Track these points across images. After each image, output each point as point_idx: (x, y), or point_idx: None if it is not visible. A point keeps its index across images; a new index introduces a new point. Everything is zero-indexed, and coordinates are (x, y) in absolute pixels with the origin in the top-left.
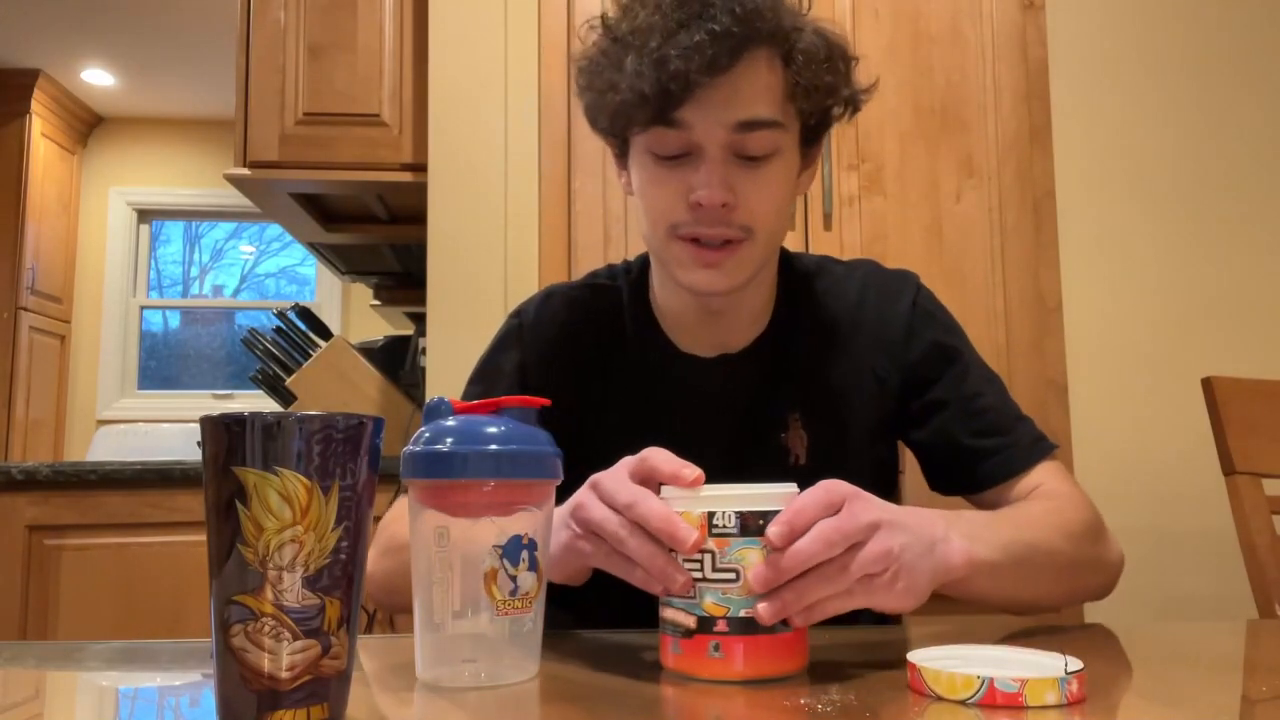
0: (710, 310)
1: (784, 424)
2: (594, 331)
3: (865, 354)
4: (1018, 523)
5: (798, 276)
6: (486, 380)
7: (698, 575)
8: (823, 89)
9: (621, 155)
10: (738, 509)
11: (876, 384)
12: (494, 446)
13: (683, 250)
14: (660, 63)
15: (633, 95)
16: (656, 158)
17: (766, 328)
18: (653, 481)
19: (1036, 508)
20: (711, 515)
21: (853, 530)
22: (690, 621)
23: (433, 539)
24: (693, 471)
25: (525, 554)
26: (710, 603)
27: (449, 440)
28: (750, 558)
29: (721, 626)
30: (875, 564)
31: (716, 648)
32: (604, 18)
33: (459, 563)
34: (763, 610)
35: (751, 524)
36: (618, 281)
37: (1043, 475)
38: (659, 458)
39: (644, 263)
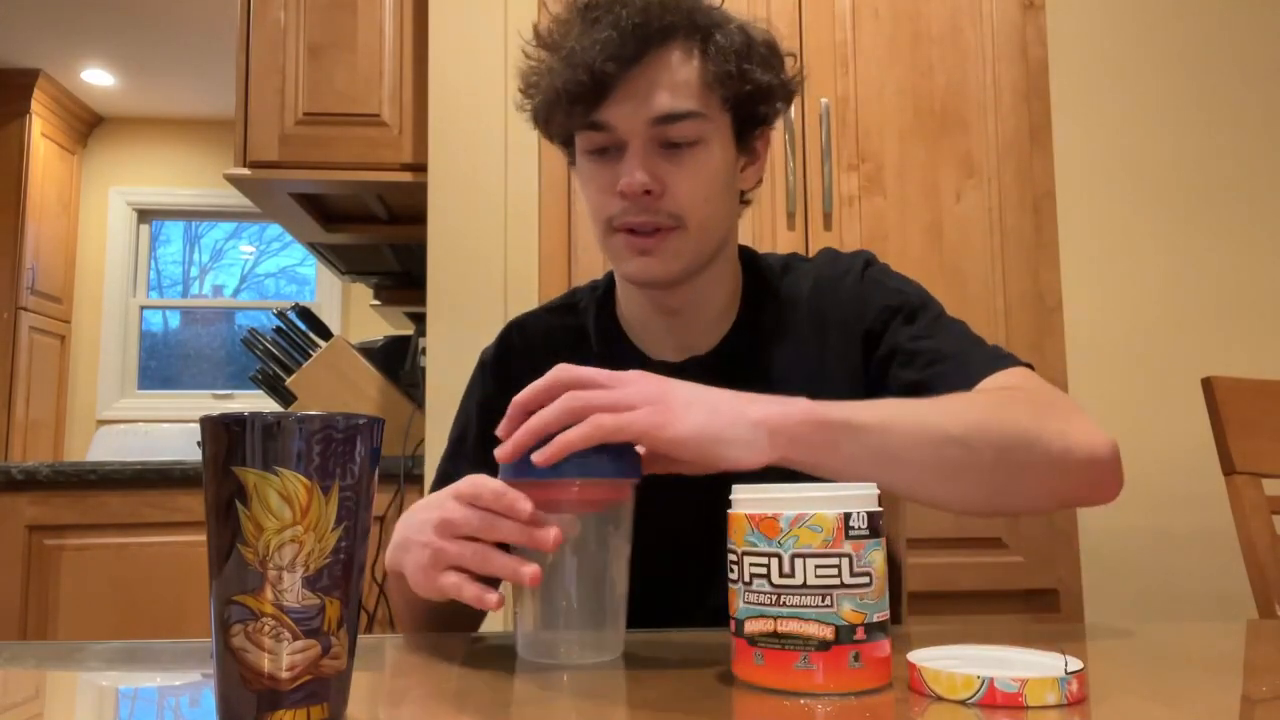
0: (665, 309)
1: None
2: (557, 352)
3: (829, 341)
4: (907, 402)
5: (762, 275)
6: (458, 426)
7: (834, 582)
8: (740, 77)
9: (570, 160)
10: (868, 509)
11: (844, 368)
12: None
13: (619, 241)
14: (571, 59)
15: (553, 95)
16: (589, 155)
17: (731, 328)
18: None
19: (960, 396)
20: (848, 517)
21: (604, 398)
22: (827, 633)
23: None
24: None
25: (606, 543)
26: (849, 610)
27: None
28: (879, 561)
29: (860, 634)
30: (615, 398)
31: (856, 658)
32: (535, 27)
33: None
34: (498, 453)
35: (877, 525)
36: (581, 301)
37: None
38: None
39: (611, 277)
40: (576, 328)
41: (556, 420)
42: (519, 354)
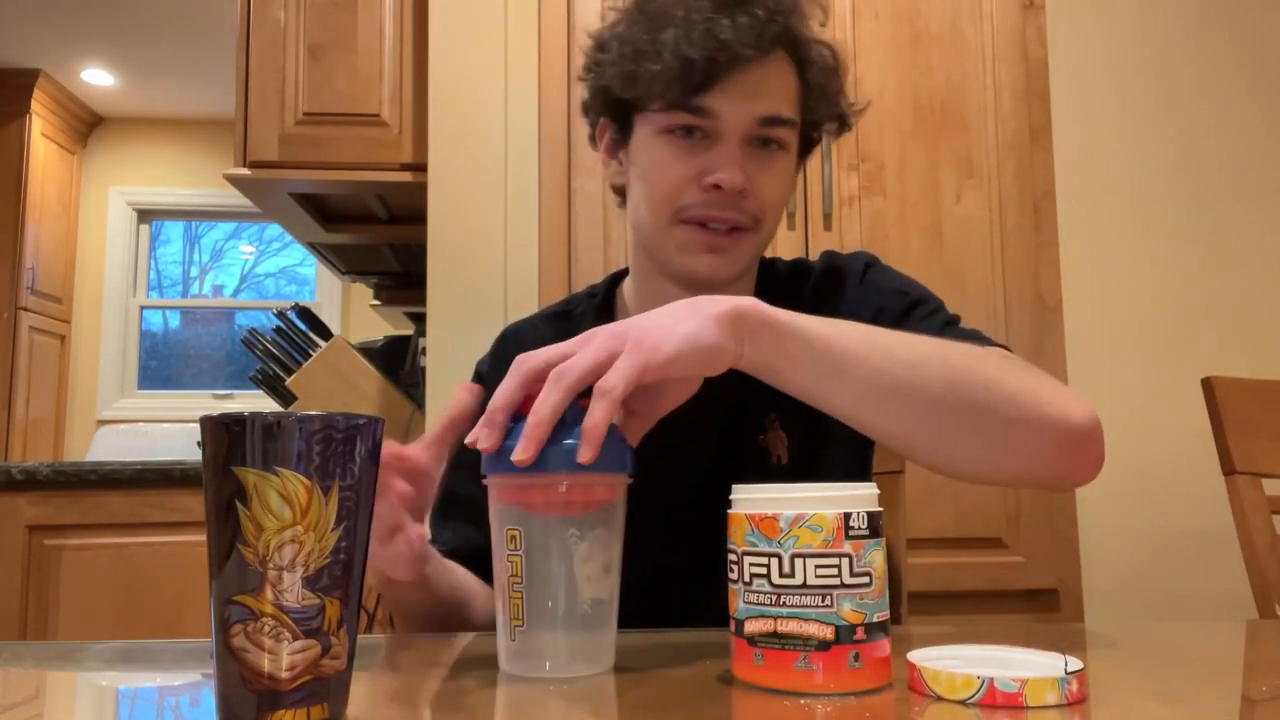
0: None
1: (762, 426)
2: None
3: None
4: (867, 326)
5: (773, 280)
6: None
7: (834, 582)
8: (830, 97)
9: (618, 140)
10: (868, 509)
11: None
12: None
13: (687, 234)
14: (709, 33)
15: (676, 61)
16: (668, 135)
17: None
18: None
19: (922, 335)
20: (848, 517)
21: (581, 356)
22: (827, 633)
23: (505, 540)
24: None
25: (599, 548)
26: (849, 610)
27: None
28: (879, 561)
29: (860, 635)
30: (596, 352)
31: (856, 658)
32: None
33: (539, 558)
34: (516, 455)
35: (877, 524)
36: (578, 308)
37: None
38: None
39: (611, 283)
40: (570, 333)
41: (553, 411)
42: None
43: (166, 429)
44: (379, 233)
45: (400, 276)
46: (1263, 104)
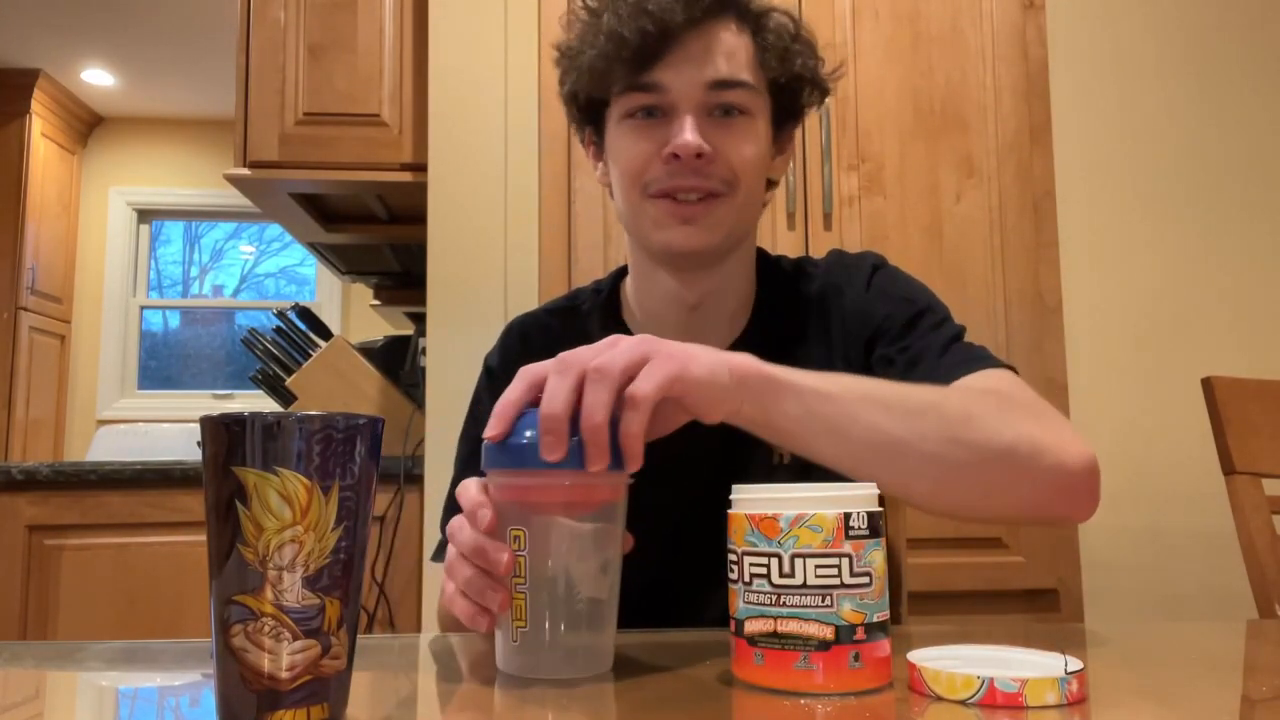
0: (686, 303)
1: None
2: (555, 352)
3: (836, 344)
4: (862, 378)
5: (775, 277)
6: (467, 439)
7: (834, 582)
8: (789, 56)
9: (597, 141)
10: (868, 509)
11: (847, 366)
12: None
13: (657, 208)
14: (639, 8)
15: (612, 45)
16: (630, 119)
17: (744, 328)
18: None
19: (922, 385)
20: (848, 517)
21: (589, 351)
22: (827, 633)
23: (509, 539)
24: (487, 514)
25: (600, 547)
26: (849, 610)
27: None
28: (879, 561)
29: (860, 635)
30: (624, 356)
31: (856, 657)
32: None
33: (541, 558)
34: (588, 464)
35: (877, 524)
36: (584, 303)
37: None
38: (463, 496)
39: (615, 279)
40: (579, 331)
41: (605, 410)
42: (522, 356)
43: (166, 429)
44: (379, 233)
45: (400, 276)
46: (1263, 104)
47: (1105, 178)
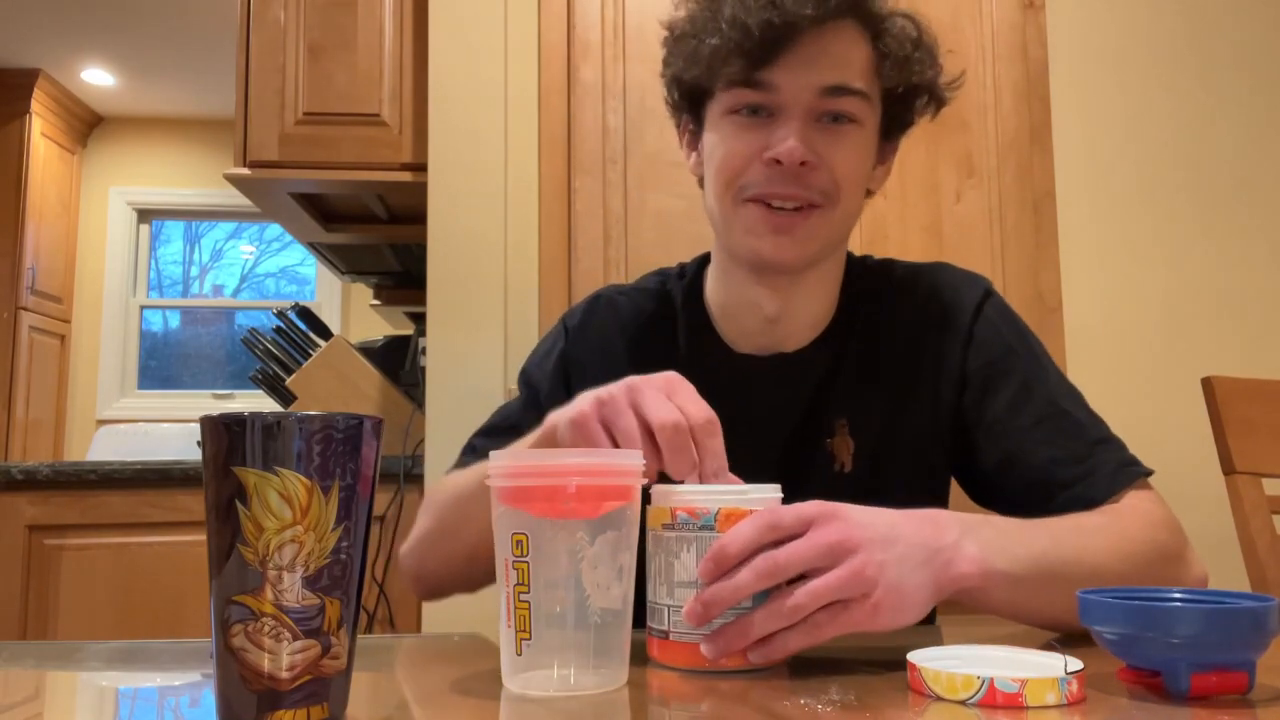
0: (764, 316)
1: (831, 429)
2: (643, 335)
3: (925, 361)
4: (1058, 533)
5: (864, 277)
6: (531, 386)
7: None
8: (908, 64)
9: (694, 131)
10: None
11: (932, 392)
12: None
13: (751, 214)
14: (766, 2)
15: (734, 33)
16: (731, 115)
17: (825, 330)
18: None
19: (1093, 520)
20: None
21: (801, 557)
22: None
23: (510, 545)
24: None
25: (614, 551)
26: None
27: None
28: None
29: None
30: (835, 592)
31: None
32: None
33: (547, 564)
34: (705, 650)
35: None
36: (669, 286)
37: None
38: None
39: (700, 264)
40: (660, 311)
41: (737, 597)
42: (603, 328)
43: (166, 429)
44: (379, 233)
45: (400, 276)
46: (1263, 104)
47: (1105, 178)
